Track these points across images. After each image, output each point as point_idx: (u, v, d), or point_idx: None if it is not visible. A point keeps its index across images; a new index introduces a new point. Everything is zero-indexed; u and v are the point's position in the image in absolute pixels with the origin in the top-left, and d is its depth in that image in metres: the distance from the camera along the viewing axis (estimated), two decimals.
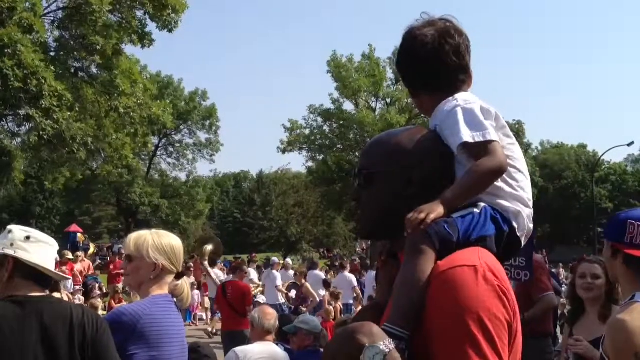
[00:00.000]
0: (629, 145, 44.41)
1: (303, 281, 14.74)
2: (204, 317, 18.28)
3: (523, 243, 1.71)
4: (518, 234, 1.66)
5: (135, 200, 44.53)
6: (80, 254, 21.40)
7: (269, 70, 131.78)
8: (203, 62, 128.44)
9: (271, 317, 5.64)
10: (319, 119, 39.29)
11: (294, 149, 39.37)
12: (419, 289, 1.46)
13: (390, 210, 1.65)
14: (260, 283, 16.34)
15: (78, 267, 18.35)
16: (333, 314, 12.83)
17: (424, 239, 1.51)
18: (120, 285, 15.76)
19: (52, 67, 21.22)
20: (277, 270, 16.51)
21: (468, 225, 1.56)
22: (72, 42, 24.04)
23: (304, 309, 13.82)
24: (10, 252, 2.60)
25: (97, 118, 24.92)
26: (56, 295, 5.19)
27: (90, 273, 19.74)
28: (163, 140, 48.19)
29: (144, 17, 24.63)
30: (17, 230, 2.69)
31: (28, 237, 2.66)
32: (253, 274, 15.91)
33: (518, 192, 1.68)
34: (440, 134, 1.70)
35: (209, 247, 11.86)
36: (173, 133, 46.85)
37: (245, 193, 67.62)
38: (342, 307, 14.82)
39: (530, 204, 1.72)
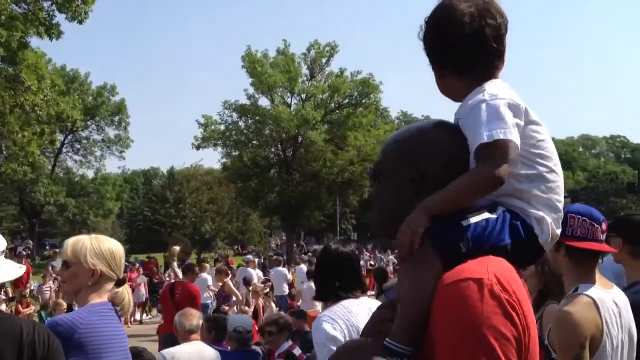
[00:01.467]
0: None
1: (225, 279, 14.53)
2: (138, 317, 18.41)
3: (548, 249, 1.61)
4: (540, 242, 1.56)
5: (39, 199, 42.58)
6: None
7: (182, 64, 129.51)
8: (112, 55, 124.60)
9: (192, 318, 5.62)
10: (234, 115, 38.93)
11: (208, 145, 38.79)
12: (422, 303, 1.40)
13: (401, 209, 1.53)
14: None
15: None
16: (250, 311, 12.76)
17: (427, 249, 1.44)
18: (27, 290, 15.09)
19: None
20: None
21: (481, 233, 1.47)
22: None
23: (226, 308, 13.70)
24: None
25: (1, 114, 23.61)
26: None
27: None
28: (69, 137, 46.38)
29: (51, 8, 23.52)
30: None
31: None
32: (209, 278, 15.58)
33: (547, 195, 1.58)
34: (462, 128, 1.59)
35: (177, 248, 12.19)
36: (80, 129, 45.11)
37: (155, 190, 65.98)
38: (275, 299, 15.23)
39: (561, 206, 1.61)
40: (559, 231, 1.61)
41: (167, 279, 16.23)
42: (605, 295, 2.62)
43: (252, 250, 43.28)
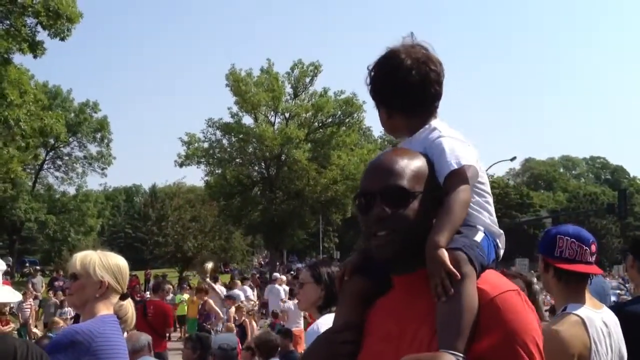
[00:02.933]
0: (511, 160, 47.12)
1: (205, 297, 14.43)
2: None
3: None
4: (500, 254, 1.80)
5: (19, 216, 42.08)
6: None
7: (166, 82, 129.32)
8: (95, 72, 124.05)
9: (135, 339, 5.69)
10: (218, 133, 38.89)
11: (192, 162, 38.70)
12: (474, 313, 1.53)
13: (420, 230, 1.63)
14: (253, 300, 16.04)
15: None
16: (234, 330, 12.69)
17: (469, 264, 1.57)
18: (7, 308, 14.84)
19: None
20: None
21: (487, 251, 1.69)
22: None
23: (207, 326, 13.62)
24: None
25: None
26: None
27: None
28: (51, 153, 45.96)
29: (35, 25, 23.49)
30: None
31: None
32: (248, 290, 15.41)
33: (494, 218, 1.81)
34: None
35: (209, 265, 13.10)
36: (62, 146, 44.76)
37: (137, 207, 65.57)
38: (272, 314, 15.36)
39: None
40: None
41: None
42: (595, 315, 2.66)
43: (234, 269, 43.05)
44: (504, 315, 1.52)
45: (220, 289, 14.06)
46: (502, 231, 1.81)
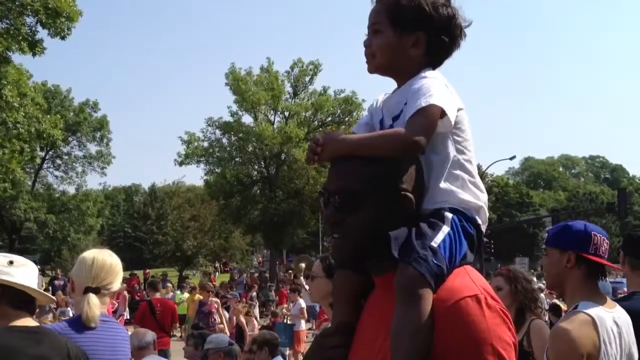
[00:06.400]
0: (510, 159, 47.28)
1: (210, 297, 14.38)
2: None
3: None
4: (482, 229, 1.64)
5: (19, 216, 42.00)
6: None
7: (166, 81, 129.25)
8: (95, 71, 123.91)
9: (140, 336, 5.75)
10: (218, 132, 38.85)
11: (191, 161, 38.67)
12: (426, 334, 1.43)
13: (380, 232, 1.54)
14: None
15: None
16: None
17: (421, 283, 1.45)
18: None
19: None
20: None
21: (450, 250, 1.52)
22: None
23: (202, 326, 13.59)
24: None
25: None
26: None
27: None
28: (50, 153, 45.90)
29: (34, 24, 23.44)
30: None
31: (11, 262, 2.54)
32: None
33: (475, 179, 1.66)
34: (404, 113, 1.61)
35: (302, 265, 13.83)
36: (61, 145, 44.73)
37: (137, 207, 65.51)
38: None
39: (484, 189, 1.69)
40: (487, 215, 1.68)
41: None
42: (606, 315, 2.62)
43: (234, 268, 43.06)
44: (460, 324, 1.42)
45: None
46: (482, 204, 1.64)
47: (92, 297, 2.80)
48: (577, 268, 2.74)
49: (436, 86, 1.59)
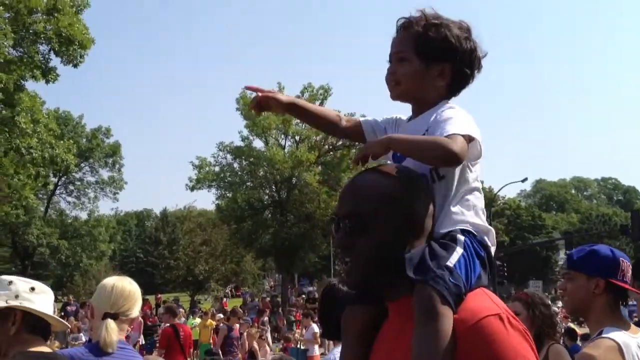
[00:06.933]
0: (522, 181, 47.04)
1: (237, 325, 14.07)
2: None
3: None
4: (491, 252, 1.66)
5: (32, 242, 42.27)
6: None
7: (176, 106, 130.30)
8: (107, 97, 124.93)
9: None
10: (229, 156, 39.01)
11: (202, 186, 38.81)
12: (448, 354, 1.41)
13: (391, 253, 1.53)
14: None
15: None
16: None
17: (440, 301, 1.44)
18: None
19: None
20: None
21: (466, 271, 1.52)
22: None
23: (217, 350, 13.47)
24: (16, 303, 2.51)
25: None
26: None
27: None
28: (63, 178, 46.30)
29: (47, 51, 23.83)
30: (20, 282, 2.60)
31: (33, 288, 2.58)
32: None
33: (481, 206, 1.69)
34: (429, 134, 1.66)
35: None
36: (74, 171, 45.15)
37: (148, 232, 65.71)
38: None
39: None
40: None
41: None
42: (631, 341, 2.61)
43: (245, 292, 42.96)
44: (483, 343, 1.41)
45: None
46: (490, 227, 1.68)
47: (111, 323, 2.85)
48: (605, 294, 2.72)
49: (466, 117, 1.67)
